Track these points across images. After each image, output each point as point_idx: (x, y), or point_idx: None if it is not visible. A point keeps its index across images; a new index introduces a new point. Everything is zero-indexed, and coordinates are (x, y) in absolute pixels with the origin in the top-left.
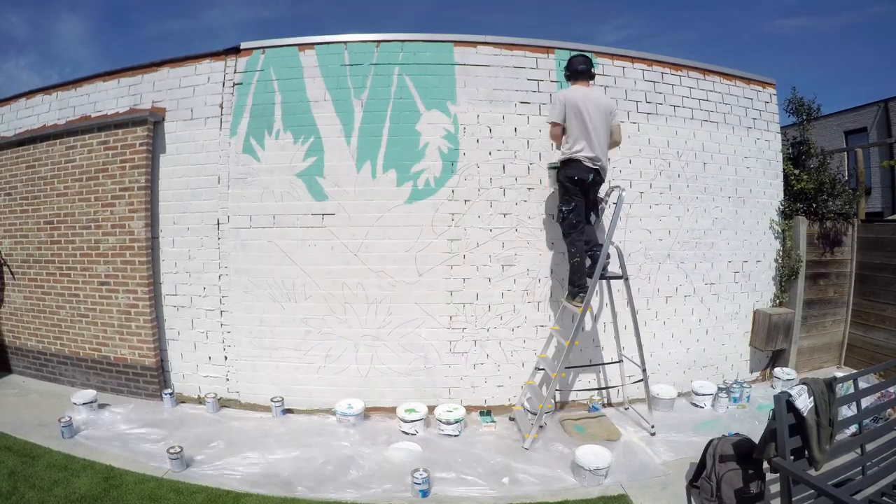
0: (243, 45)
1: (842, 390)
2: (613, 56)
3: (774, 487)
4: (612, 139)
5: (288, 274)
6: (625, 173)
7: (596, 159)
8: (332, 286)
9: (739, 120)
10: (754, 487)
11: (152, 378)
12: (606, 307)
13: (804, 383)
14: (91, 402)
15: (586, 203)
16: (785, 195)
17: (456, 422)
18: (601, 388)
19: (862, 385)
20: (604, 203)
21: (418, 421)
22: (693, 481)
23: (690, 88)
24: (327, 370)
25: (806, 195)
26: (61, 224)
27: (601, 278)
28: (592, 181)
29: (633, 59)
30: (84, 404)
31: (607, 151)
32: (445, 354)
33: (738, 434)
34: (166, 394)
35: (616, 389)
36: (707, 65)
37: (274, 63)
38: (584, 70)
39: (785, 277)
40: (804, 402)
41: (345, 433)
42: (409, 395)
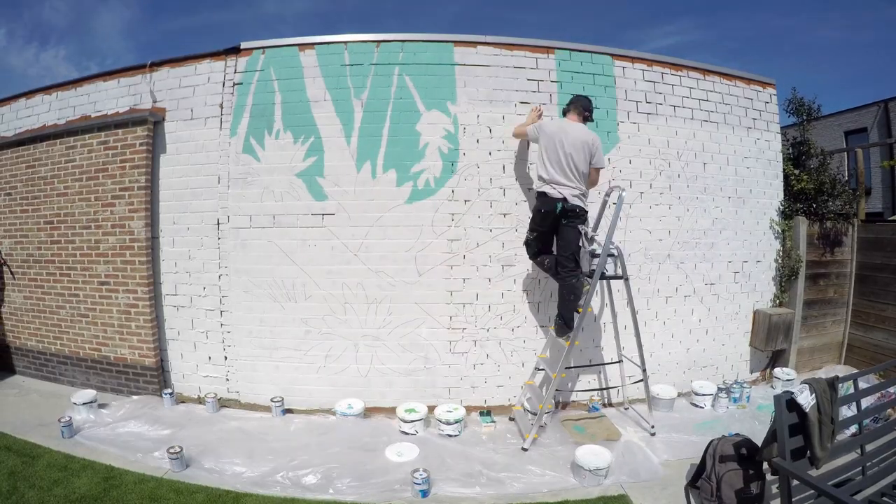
0: (243, 45)
1: (842, 390)
2: (614, 56)
3: (774, 488)
4: (590, 179)
5: (288, 274)
6: (625, 173)
7: (559, 184)
8: (332, 286)
9: (739, 120)
10: (754, 488)
11: (152, 378)
12: (606, 307)
13: (806, 383)
14: (91, 402)
15: (547, 233)
16: (785, 195)
17: (456, 422)
18: (601, 389)
19: (862, 385)
20: (603, 206)
21: (418, 421)
22: (693, 482)
23: (690, 89)
24: (327, 370)
25: (806, 195)
26: (61, 224)
27: (601, 279)
28: (563, 210)
29: (633, 59)
30: (84, 404)
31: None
32: (445, 354)
33: (739, 434)
34: (166, 394)
35: (616, 389)
36: (707, 65)
37: (274, 63)
38: (583, 109)
39: (785, 277)
40: (806, 399)
41: (345, 433)
42: (409, 395)
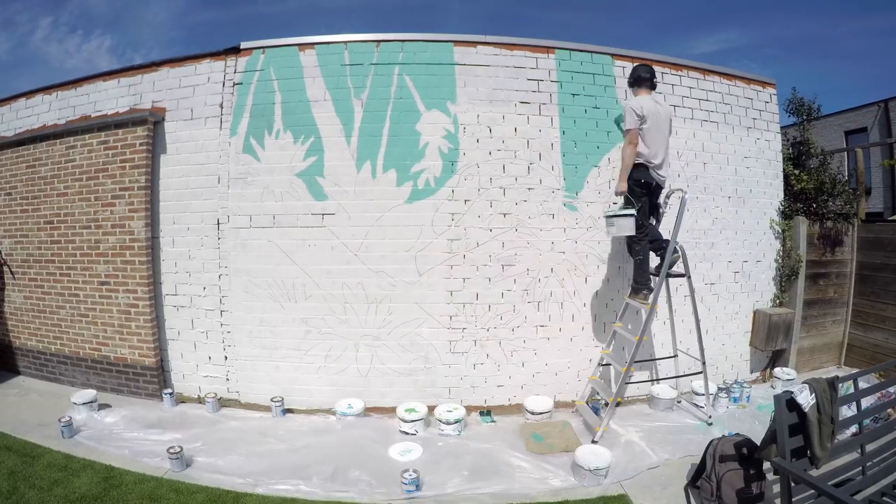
0: (243, 45)
1: (842, 390)
2: (614, 56)
3: (775, 487)
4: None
5: (288, 274)
6: None
7: (660, 166)
8: (332, 286)
9: (739, 120)
10: (754, 488)
11: (152, 378)
12: (663, 303)
13: (806, 383)
14: (91, 402)
15: (650, 206)
16: (785, 195)
17: (456, 422)
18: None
19: (862, 385)
20: (664, 207)
21: (418, 421)
22: (693, 481)
23: (690, 88)
24: (327, 370)
25: (806, 195)
26: (61, 224)
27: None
28: (656, 186)
29: (633, 59)
30: (84, 404)
31: (669, 158)
32: (445, 354)
33: (739, 434)
34: (166, 394)
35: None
36: (707, 65)
37: (274, 63)
38: (648, 78)
39: (785, 277)
40: (806, 398)
41: (345, 433)
42: (409, 395)
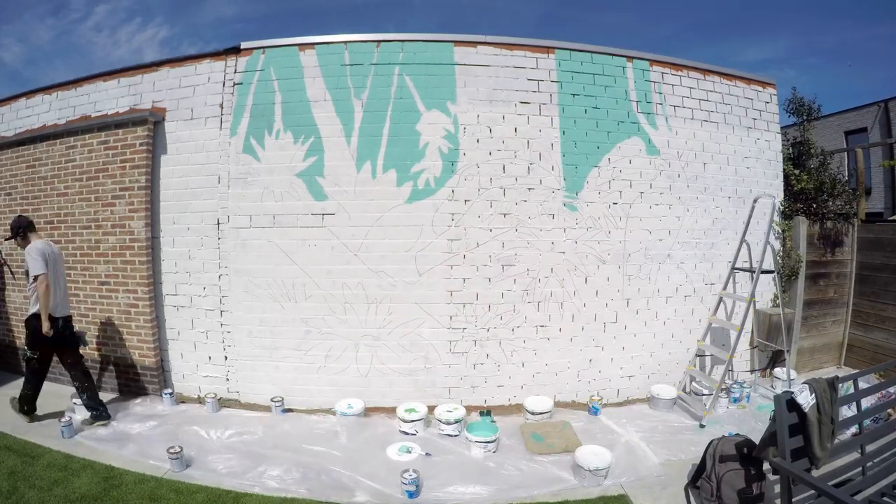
0: (243, 45)
1: (842, 391)
2: (613, 55)
3: (775, 488)
4: None
5: (288, 274)
6: (625, 173)
7: None
8: (332, 286)
9: (739, 120)
10: (755, 488)
11: (152, 378)
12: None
13: (806, 383)
14: None
15: None
16: (785, 195)
17: (456, 422)
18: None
19: (862, 385)
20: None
21: (418, 421)
22: (693, 482)
23: (690, 88)
24: (327, 370)
25: (806, 195)
26: (61, 224)
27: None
28: None
29: (632, 59)
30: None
31: None
32: (445, 354)
33: (739, 434)
34: (166, 393)
35: (617, 390)
36: (707, 65)
37: (274, 63)
38: None
39: (785, 278)
40: (805, 398)
41: (344, 433)
42: (409, 395)
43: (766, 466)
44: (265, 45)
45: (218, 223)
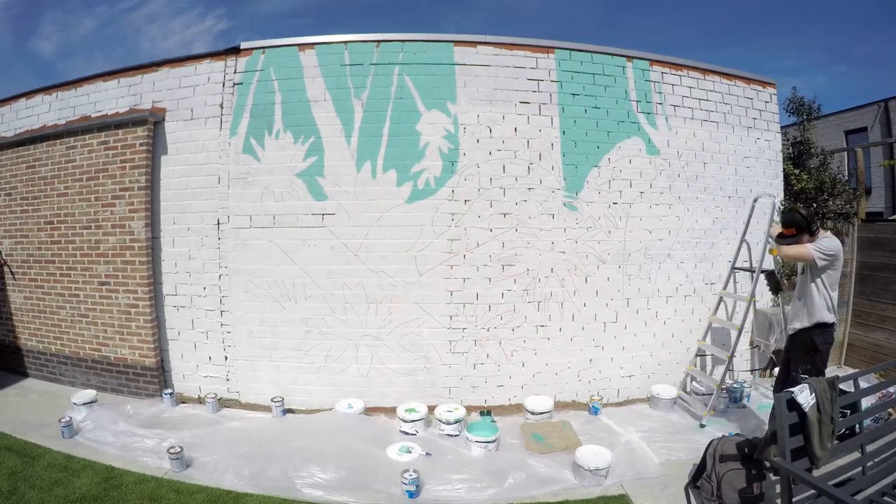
0: (243, 45)
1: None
2: (613, 55)
3: (775, 487)
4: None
5: (288, 274)
6: (625, 173)
7: None
8: (333, 286)
9: (739, 120)
10: (755, 488)
11: (152, 378)
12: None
13: (806, 383)
14: (91, 402)
15: None
16: (785, 195)
17: (456, 422)
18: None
19: (862, 385)
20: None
21: (418, 421)
22: (693, 481)
23: (690, 88)
24: (327, 370)
25: (806, 195)
26: (61, 224)
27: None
28: None
29: (631, 59)
30: (84, 404)
31: None
32: (445, 354)
33: (739, 434)
34: (166, 394)
35: (617, 390)
36: (707, 65)
37: (274, 63)
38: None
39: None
40: (806, 398)
41: (344, 433)
42: (410, 395)
43: (767, 466)
44: (265, 45)
45: (218, 223)
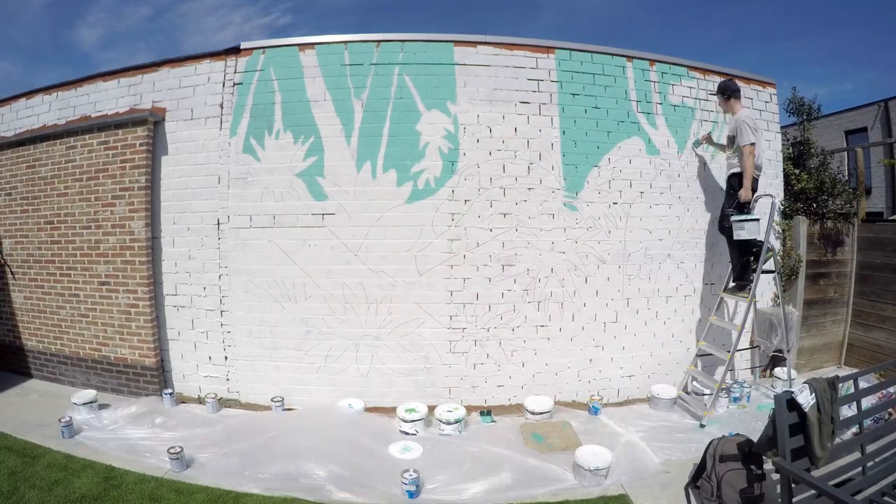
0: (243, 45)
1: (842, 390)
2: (613, 55)
3: (776, 487)
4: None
5: (288, 274)
6: (625, 173)
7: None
8: (333, 286)
9: None
10: (755, 488)
11: (152, 378)
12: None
13: (806, 383)
14: (91, 402)
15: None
16: (785, 195)
17: (456, 422)
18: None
19: (862, 385)
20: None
21: (418, 421)
22: (693, 481)
23: (690, 88)
24: (327, 370)
25: (806, 195)
26: (61, 224)
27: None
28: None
29: (631, 59)
30: (84, 404)
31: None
32: (445, 354)
33: (739, 434)
34: (166, 394)
35: (617, 390)
36: (707, 65)
37: (274, 63)
38: (738, 89)
39: (785, 277)
40: (805, 398)
41: (345, 433)
42: (410, 395)
43: (768, 466)
44: (265, 45)
45: (218, 223)
